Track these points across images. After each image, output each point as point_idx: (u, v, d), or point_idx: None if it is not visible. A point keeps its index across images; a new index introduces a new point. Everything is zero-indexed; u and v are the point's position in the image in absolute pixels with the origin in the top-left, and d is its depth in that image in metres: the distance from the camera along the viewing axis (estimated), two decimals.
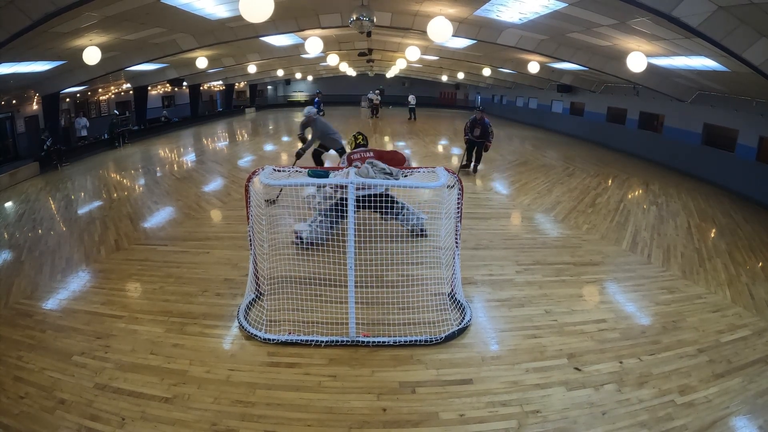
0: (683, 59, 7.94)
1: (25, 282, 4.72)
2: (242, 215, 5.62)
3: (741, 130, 9.36)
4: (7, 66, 8.95)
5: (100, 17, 7.29)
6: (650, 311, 4.22)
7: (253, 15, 4.85)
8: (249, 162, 11.48)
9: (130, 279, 4.79)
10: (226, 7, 8.13)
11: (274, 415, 2.83)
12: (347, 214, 3.55)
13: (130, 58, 11.19)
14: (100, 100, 16.36)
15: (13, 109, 11.89)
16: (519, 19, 8.40)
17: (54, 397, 2.96)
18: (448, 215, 4.09)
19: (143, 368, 3.26)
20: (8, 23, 5.84)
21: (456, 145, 15.02)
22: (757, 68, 5.68)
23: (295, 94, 33.46)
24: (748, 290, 4.69)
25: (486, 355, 3.49)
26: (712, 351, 3.58)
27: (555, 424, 2.79)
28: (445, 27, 6.55)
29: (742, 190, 9.08)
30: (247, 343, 3.60)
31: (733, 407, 2.95)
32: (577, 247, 5.78)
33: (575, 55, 10.25)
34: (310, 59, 18.81)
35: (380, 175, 3.97)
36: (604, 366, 3.35)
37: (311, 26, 10.18)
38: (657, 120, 12.80)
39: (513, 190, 8.89)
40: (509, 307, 4.22)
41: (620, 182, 9.73)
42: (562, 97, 18.44)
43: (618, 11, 6.14)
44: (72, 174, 10.54)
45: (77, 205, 7.89)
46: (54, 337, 3.67)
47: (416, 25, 9.62)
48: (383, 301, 4.03)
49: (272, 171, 3.98)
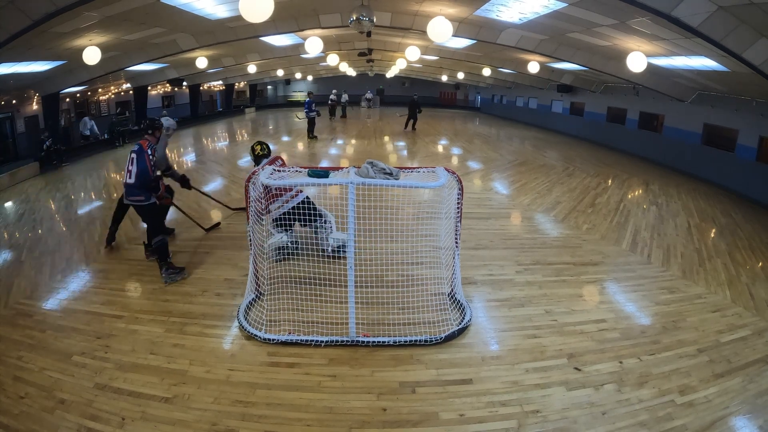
0: (683, 59, 7.94)
1: (25, 282, 4.72)
2: (242, 215, 5.62)
3: (741, 130, 9.37)
4: (7, 66, 8.95)
5: (100, 17, 7.29)
6: (650, 311, 4.22)
7: (253, 15, 4.86)
8: (249, 162, 11.45)
9: (130, 279, 4.79)
10: (226, 7, 8.13)
11: (274, 415, 2.83)
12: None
13: (130, 58, 11.20)
14: (100, 100, 16.37)
15: (13, 109, 11.89)
16: (519, 19, 8.40)
17: (54, 397, 2.96)
18: (447, 215, 4.09)
19: (143, 368, 3.26)
20: (8, 23, 5.84)
21: (456, 145, 15.03)
22: (757, 68, 5.68)
23: (295, 93, 33.45)
24: (748, 290, 4.69)
25: (486, 355, 3.49)
26: (712, 351, 3.58)
27: (555, 424, 2.79)
28: (445, 27, 6.55)
29: (742, 190, 9.09)
30: (247, 343, 3.60)
31: (732, 407, 2.95)
32: (577, 247, 5.78)
33: (575, 55, 10.25)
34: (310, 59, 18.82)
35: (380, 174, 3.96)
36: (604, 366, 3.35)
37: (311, 26, 10.18)
38: (657, 120, 12.80)
39: (513, 190, 8.89)
40: (509, 307, 4.22)
41: (620, 182, 9.73)
42: (562, 97, 18.45)
43: (618, 11, 6.14)
44: (72, 174, 10.54)
45: (77, 205, 7.89)
46: (54, 337, 3.66)
47: (416, 25, 9.62)
48: (383, 301, 4.03)
49: (272, 171, 3.98)
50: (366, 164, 3.81)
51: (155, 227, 4.87)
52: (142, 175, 4.61)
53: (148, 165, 4.63)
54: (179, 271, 4.80)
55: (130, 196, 4.76)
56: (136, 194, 4.71)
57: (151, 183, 4.68)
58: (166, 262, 4.76)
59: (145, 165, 4.62)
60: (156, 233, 4.80)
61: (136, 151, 4.69)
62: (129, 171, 4.68)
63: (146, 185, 4.66)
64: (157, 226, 4.91)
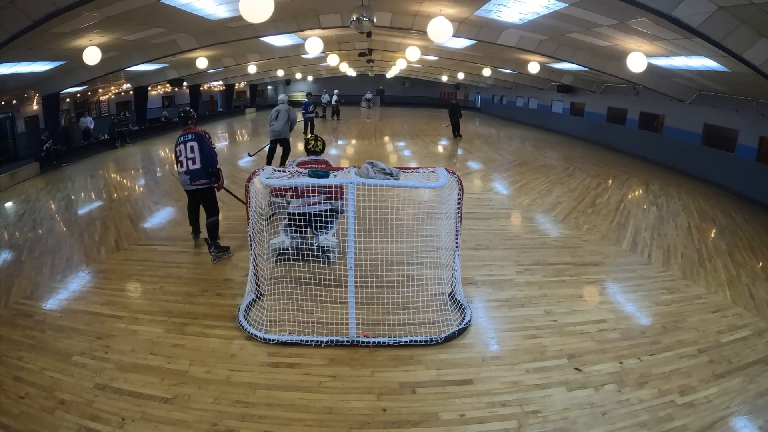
0: (683, 59, 7.94)
1: (26, 282, 4.72)
2: (242, 215, 5.61)
3: (741, 131, 9.37)
4: (7, 66, 8.96)
5: (100, 17, 7.30)
6: (650, 311, 4.22)
7: (253, 15, 4.86)
8: (249, 162, 11.46)
9: (130, 279, 4.79)
10: (226, 7, 8.14)
11: (274, 416, 2.83)
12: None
13: (130, 58, 11.20)
14: (100, 100, 16.38)
15: (14, 109, 11.90)
16: (519, 19, 8.41)
17: (54, 397, 2.96)
18: (448, 215, 4.09)
19: (143, 368, 3.26)
20: (8, 23, 5.84)
21: (457, 145, 15.03)
22: (757, 68, 5.68)
23: (295, 94, 33.45)
24: (748, 290, 4.69)
25: (486, 355, 3.49)
26: (713, 351, 3.57)
27: (555, 424, 2.79)
28: (445, 27, 6.56)
29: (742, 190, 9.08)
30: (248, 343, 3.60)
31: (733, 407, 2.95)
32: (578, 248, 5.78)
33: (575, 56, 10.26)
34: (310, 59, 18.82)
35: (380, 175, 3.96)
36: (605, 366, 3.35)
37: (311, 26, 10.18)
38: (657, 120, 12.80)
39: (513, 191, 8.89)
40: (509, 307, 4.22)
41: (620, 182, 9.73)
42: (562, 98, 18.45)
43: (618, 11, 6.14)
44: (72, 174, 10.54)
45: (77, 206, 7.89)
46: (54, 337, 3.66)
47: (416, 26, 9.62)
48: (383, 302, 4.03)
49: (272, 171, 3.98)
50: (366, 164, 3.81)
51: (213, 207, 5.23)
52: (208, 159, 4.99)
53: (212, 150, 5.03)
54: (225, 249, 5.21)
55: (196, 180, 5.04)
56: (202, 177, 5.04)
57: (216, 165, 5.05)
58: (215, 241, 5.17)
59: (209, 150, 5.01)
60: (214, 213, 5.19)
61: (194, 138, 5.01)
62: (190, 158, 4.95)
63: (212, 168, 5.00)
64: (215, 206, 5.25)
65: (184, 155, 5.00)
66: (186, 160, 4.98)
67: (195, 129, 5.19)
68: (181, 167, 5.04)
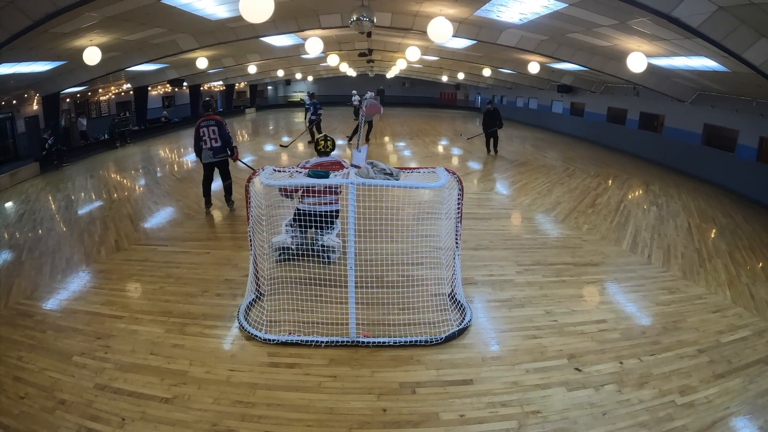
0: (683, 59, 7.94)
1: (26, 282, 4.72)
2: (242, 215, 5.62)
3: (741, 131, 9.36)
4: (7, 66, 8.95)
5: (100, 17, 7.30)
6: (650, 312, 4.22)
7: (253, 15, 4.85)
8: (249, 162, 11.45)
9: (130, 279, 4.79)
10: (227, 7, 8.14)
11: (274, 416, 2.83)
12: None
13: (130, 58, 11.20)
14: (100, 100, 16.38)
15: (14, 109, 11.90)
16: (519, 19, 8.40)
17: (54, 397, 2.96)
18: (448, 216, 4.09)
19: (143, 368, 3.26)
20: (8, 23, 5.84)
21: (457, 146, 15.03)
22: (757, 68, 5.67)
23: (296, 94, 33.46)
24: (748, 290, 4.69)
25: (486, 355, 3.49)
26: (713, 351, 3.57)
27: (555, 424, 2.79)
28: (445, 27, 6.55)
29: (742, 190, 9.08)
30: (248, 343, 3.60)
31: (733, 408, 2.95)
32: (578, 248, 5.78)
33: (575, 56, 10.25)
34: (310, 59, 18.82)
35: (380, 175, 3.96)
36: (605, 366, 3.35)
37: (311, 26, 10.18)
38: (657, 120, 12.80)
39: (513, 191, 8.89)
40: (509, 307, 4.22)
41: (620, 182, 9.73)
42: (562, 98, 18.44)
43: (618, 11, 6.14)
44: (72, 174, 10.55)
45: (77, 206, 7.89)
46: (54, 337, 3.66)
47: (416, 26, 9.62)
48: (383, 302, 4.03)
49: (272, 171, 3.97)
50: (366, 164, 3.81)
51: (228, 173, 6.96)
52: (226, 139, 6.62)
53: (228, 132, 6.69)
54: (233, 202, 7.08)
55: (218, 154, 6.64)
56: (223, 152, 6.66)
57: (233, 143, 6.75)
58: (230, 196, 7.08)
59: (227, 132, 6.66)
60: (228, 177, 6.96)
61: (215, 124, 6.55)
62: (213, 138, 6.55)
63: (230, 145, 6.67)
64: (228, 172, 6.98)
65: (207, 136, 6.51)
66: (209, 139, 6.52)
67: (214, 116, 6.59)
68: (205, 145, 6.54)
